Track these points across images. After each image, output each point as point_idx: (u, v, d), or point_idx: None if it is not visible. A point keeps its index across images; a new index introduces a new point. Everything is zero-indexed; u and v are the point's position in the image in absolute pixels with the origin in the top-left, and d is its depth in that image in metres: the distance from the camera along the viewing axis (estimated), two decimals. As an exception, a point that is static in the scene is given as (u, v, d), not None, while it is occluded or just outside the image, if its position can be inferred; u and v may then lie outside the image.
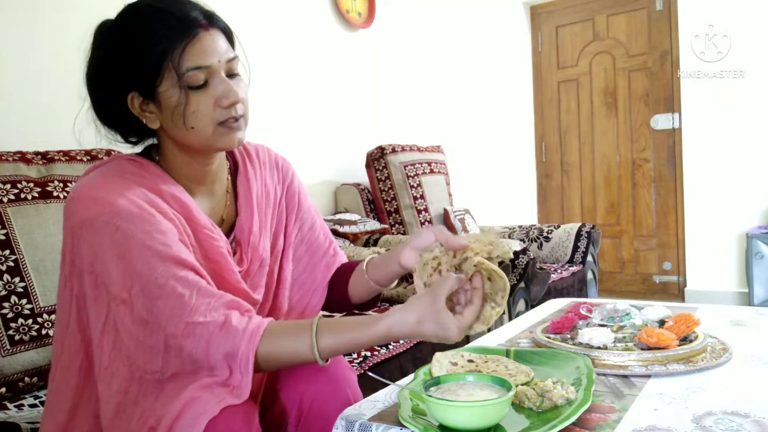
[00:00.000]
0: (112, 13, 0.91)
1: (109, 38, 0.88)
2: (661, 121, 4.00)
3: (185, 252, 0.85)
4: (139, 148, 0.98)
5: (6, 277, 1.27)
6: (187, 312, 0.80)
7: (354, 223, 2.51)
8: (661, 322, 1.10)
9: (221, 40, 0.90)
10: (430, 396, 0.74)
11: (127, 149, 0.99)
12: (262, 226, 1.03)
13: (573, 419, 0.74)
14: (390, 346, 1.57)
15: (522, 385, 0.84)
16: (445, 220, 2.82)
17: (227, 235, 1.00)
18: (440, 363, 0.94)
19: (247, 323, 0.81)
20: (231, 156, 1.05)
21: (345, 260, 1.16)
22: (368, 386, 1.05)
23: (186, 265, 0.83)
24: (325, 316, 0.87)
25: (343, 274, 1.12)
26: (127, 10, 0.88)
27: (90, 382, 0.86)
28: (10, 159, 1.39)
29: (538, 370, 0.93)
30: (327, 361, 0.84)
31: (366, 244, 2.50)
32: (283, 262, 1.09)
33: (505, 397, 0.73)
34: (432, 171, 2.91)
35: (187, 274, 0.82)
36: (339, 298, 1.12)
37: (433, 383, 0.79)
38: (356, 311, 1.14)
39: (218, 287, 0.91)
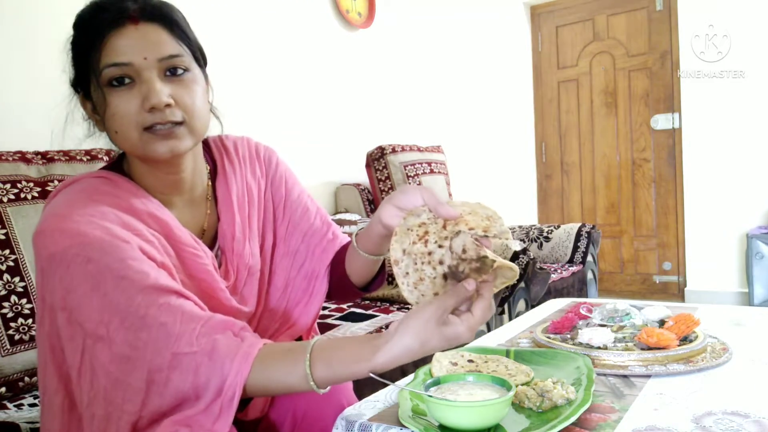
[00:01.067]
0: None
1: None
2: (661, 121, 4.00)
3: (164, 276, 0.78)
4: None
5: (6, 276, 1.27)
6: (172, 341, 0.73)
7: (354, 223, 2.51)
8: (661, 322, 1.10)
9: (156, 35, 0.80)
10: (430, 396, 0.74)
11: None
12: (245, 230, 0.96)
13: (573, 419, 0.74)
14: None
15: (522, 385, 0.84)
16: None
17: (211, 246, 0.94)
18: (440, 363, 0.94)
19: (237, 349, 0.74)
20: (209, 157, 0.98)
21: (346, 241, 1.06)
22: (368, 386, 1.04)
23: (167, 291, 0.76)
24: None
25: (341, 255, 1.03)
26: (80, 11, 0.83)
27: (74, 419, 0.80)
28: (10, 159, 1.39)
29: (538, 370, 0.93)
30: (326, 388, 0.76)
31: (366, 244, 2.50)
32: (274, 260, 1.02)
33: (505, 397, 0.73)
34: (432, 171, 2.91)
35: (169, 299, 0.75)
36: (340, 284, 1.03)
37: (433, 383, 0.79)
38: (363, 293, 1.05)
39: (206, 305, 0.85)
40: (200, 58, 0.87)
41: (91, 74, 0.80)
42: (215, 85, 0.94)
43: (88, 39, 0.79)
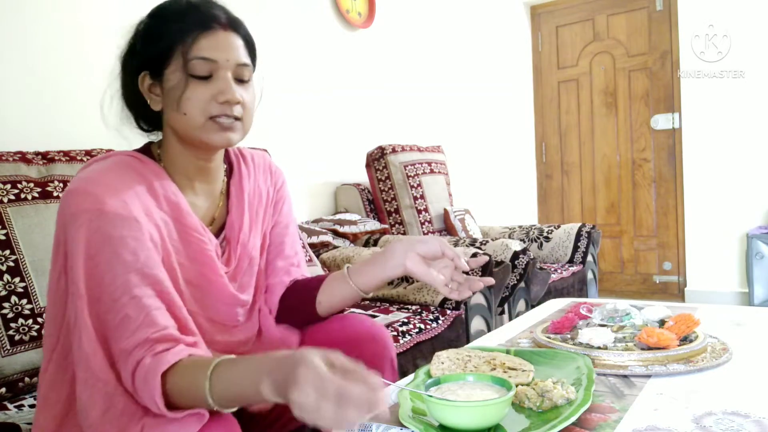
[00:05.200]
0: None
1: (140, 25, 0.95)
2: (661, 121, 4.00)
3: (154, 265, 0.84)
4: (143, 141, 1.00)
5: (6, 277, 1.27)
6: (125, 337, 0.78)
7: (354, 223, 2.51)
8: (661, 322, 1.10)
9: (237, 44, 0.93)
10: (430, 396, 0.74)
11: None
12: (252, 225, 1.05)
13: (573, 419, 0.74)
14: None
15: (522, 385, 0.84)
16: (445, 220, 2.82)
17: (217, 235, 1.01)
18: (440, 362, 0.95)
19: (161, 360, 0.76)
20: (227, 159, 1.07)
21: (301, 274, 1.13)
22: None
23: (148, 281, 0.82)
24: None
25: (303, 290, 1.08)
26: (163, 4, 0.95)
27: (69, 366, 0.86)
28: (10, 159, 1.39)
29: (539, 370, 0.93)
30: (224, 408, 0.75)
31: (366, 244, 2.50)
32: (268, 259, 1.11)
33: (505, 397, 0.73)
34: (432, 171, 2.91)
35: (144, 292, 0.81)
36: (294, 310, 1.08)
37: (433, 383, 0.79)
38: (318, 320, 1.10)
39: (204, 289, 0.95)
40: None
41: (170, 60, 0.90)
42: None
43: (176, 31, 0.90)
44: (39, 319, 1.29)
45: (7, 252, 1.29)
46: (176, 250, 0.91)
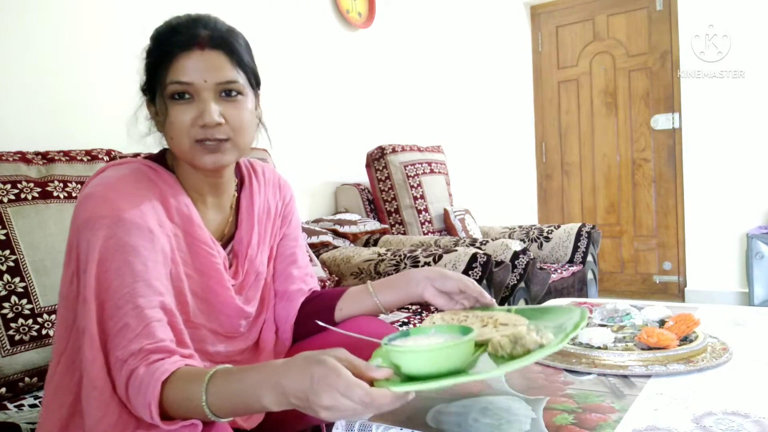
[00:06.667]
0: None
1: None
2: (661, 121, 4.00)
3: (162, 277, 0.85)
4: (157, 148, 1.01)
5: (6, 277, 1.27)
6: (122, 345, 0.78)
7: (354, 223, 2.51)
8: (661, 322, 1.10)
9: (218, 62, 0.90)
10: (385, 345, 0.72)
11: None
12: (261, 240, 1.06)
13: (533, 359, 0.70)
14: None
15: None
16: (445, 220, 2.82)
17: (225, 247, 1.01)
18: (432, 321, 0.93)
19: (158, 369, 0.76)
20: (239, 172, 1.08)
21: (312, 285, 1.15)
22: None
23: (154, 292, 0.82)
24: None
25: (323, 298, 1.10)
26: (159, 26, 0.94)
27: (77, 369, 0.86)
28: (10, 159, 1.39)
29: (534, 324, 0.89)
30: (222, 417, 0.75)
31: (366, 244, 2.50)
32: (276, 271, 1.12)
33: (460, 340, 0.69)
34: (432, 171, 2.91)
35: (148, 303, 0.81)
36: (313, 324, 1.07)
37: (401, 335, 0.77)
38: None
39: (210, 301, 0.96)
40: (254, 82, 0.97)
41: (157, 85, 0.91)
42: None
43: (160, 55, 0.90)
44: (39, 319, 1.29)
45: (7, 252, 1.29)
46: (184, 261, 0.92)
